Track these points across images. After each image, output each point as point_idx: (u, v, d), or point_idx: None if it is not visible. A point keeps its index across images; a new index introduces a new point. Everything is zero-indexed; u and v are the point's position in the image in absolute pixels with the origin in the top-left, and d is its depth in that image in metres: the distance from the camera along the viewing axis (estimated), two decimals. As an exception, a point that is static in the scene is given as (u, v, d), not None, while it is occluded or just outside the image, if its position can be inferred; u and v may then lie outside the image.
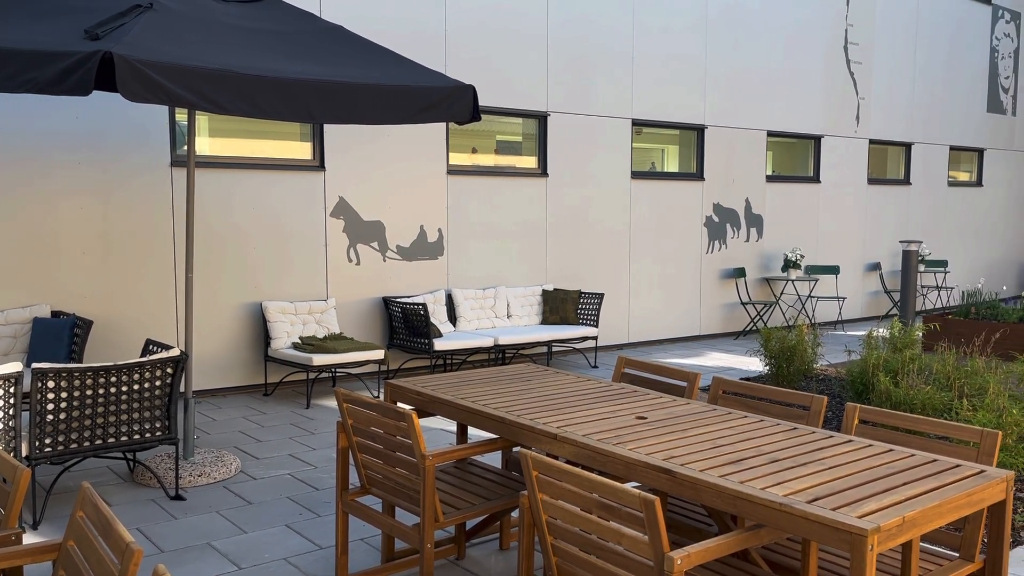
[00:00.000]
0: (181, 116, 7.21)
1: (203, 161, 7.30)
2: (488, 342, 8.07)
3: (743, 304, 10.94)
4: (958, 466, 2.75)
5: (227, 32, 4.77)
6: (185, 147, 7.18)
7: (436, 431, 6.29)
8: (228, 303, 7.44)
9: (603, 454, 2.90)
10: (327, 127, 7.89)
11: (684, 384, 4.11)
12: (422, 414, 4.01)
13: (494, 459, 5.44)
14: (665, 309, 10.51)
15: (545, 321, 9.04)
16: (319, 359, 6.94)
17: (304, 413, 6.89)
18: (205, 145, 7.41)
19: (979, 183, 14.76)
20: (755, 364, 9.18)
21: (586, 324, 9.03)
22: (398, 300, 8.04)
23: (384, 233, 8.28)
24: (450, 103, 4.74)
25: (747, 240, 11.28)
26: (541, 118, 9.29)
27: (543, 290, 9.14)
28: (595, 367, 8.99)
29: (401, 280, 8.40)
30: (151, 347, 5.08)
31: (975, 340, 9.61)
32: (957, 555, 2.96)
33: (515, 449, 4.31)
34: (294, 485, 5.10)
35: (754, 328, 11.38)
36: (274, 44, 4.84)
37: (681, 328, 10.70)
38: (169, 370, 4.63)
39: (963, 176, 14.60)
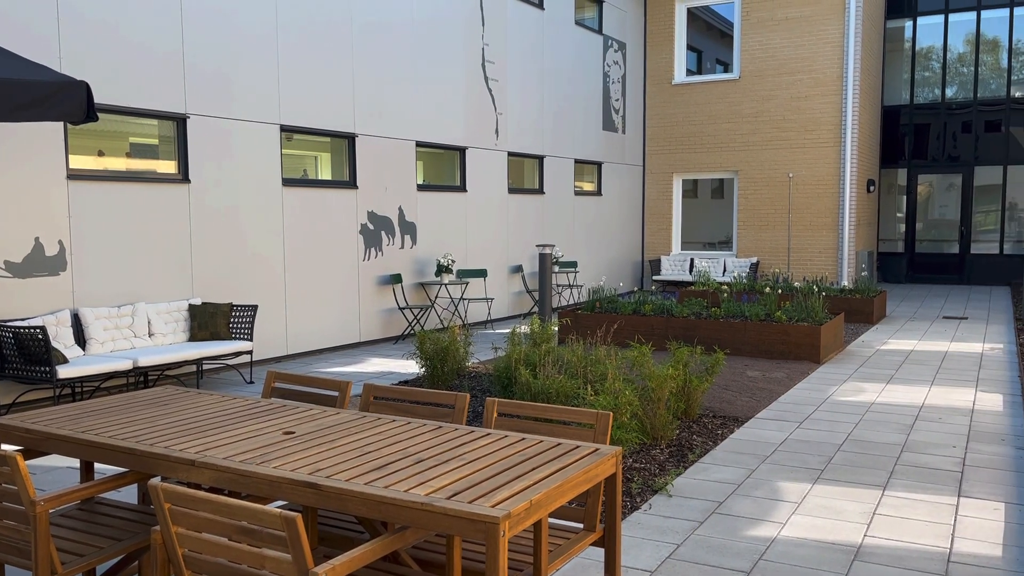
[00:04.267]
0: None
1: None
2: (126, 365, 7.32)
3: (401, 309, 11.22)
4: (578, 447, 3.05)
5: None
6: None
7: (62, 470, 5.56)
8: None
9: (246, 476, 2.76)
10: (-97, 122, 6.58)
11: (336, 394, 4.08)
12: (35, 454, 3.51)
13: (132, 494, 4.94)
14: (324, 318, 10.41)
15: (194, 338, 8.45)
16: (-98, 400, 5.76)
17: None
18: None
19: (599, 192, 16.74)
20: (413, 366, 9.46)
21: (240, 338, 8.61)
22: (8, 324, 6.97)
23: (-12, 247, 7.13)
24: (58, 100, 4.20)
25: (402, 247, 11.59)
26: (180, 120, 8.67)
27: (190, 304, 8.54)
28: (251, 382, 8.61)
29: (12, 301, 7.30)
30: None
31: (598, 331, 10.87)
32: (582, 527, 3.29)
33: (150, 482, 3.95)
34: None
35: (412, 332, 11.73)
36: None
37: (341, 336, 10.68)
38: None
39: (587, 186, 16.46)
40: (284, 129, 9.80)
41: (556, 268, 14.72)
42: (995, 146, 18.77)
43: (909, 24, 19.32)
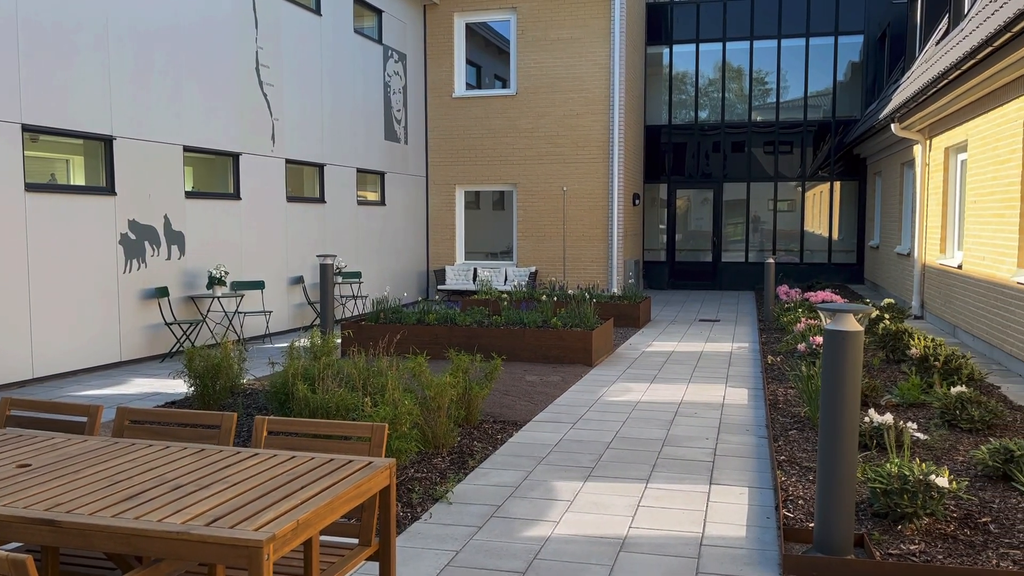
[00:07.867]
0: None
1: None
2: None
3: (168, 324, 10.47)
4: (351, 461, 3.00)
5: None
6: None
7: None
8: None
9: (-33, 518, 2.44)
10: None
11: (84, 419, 3.73)
12: None
13: None
14: (79, 336, 9.48)
15: (-87, 363, 7.37)
16: None
17: None
18: None
19: (383, 202, 16.65)
20: (181, 386, 8.86)
21: (-27, 362, 7.63)
22: None
23: None
24: None
25: (169, 258, 10.84)
26: None
27: (-92, 325, 7.45)
28: (-12, 411, 7.65)
29: None
30: None
31: (382, 342, 10.79)
32: (358, 542, 3.23)
33: None
34: None
35: (181, 349, 10.99)
36: None
37: (99, 356, 9.78)
38: None
39: (371, 196, 16.31)
40: (27, 129, 8.83)
41: (339, 279, 14.44)
42: (740, 165, 20.88)
43: (667, 51, 21.02)
